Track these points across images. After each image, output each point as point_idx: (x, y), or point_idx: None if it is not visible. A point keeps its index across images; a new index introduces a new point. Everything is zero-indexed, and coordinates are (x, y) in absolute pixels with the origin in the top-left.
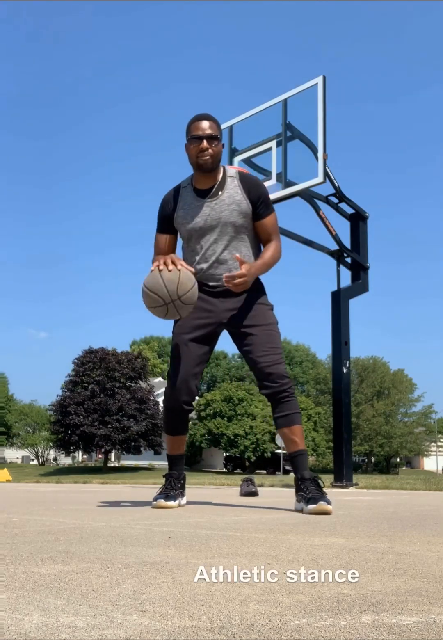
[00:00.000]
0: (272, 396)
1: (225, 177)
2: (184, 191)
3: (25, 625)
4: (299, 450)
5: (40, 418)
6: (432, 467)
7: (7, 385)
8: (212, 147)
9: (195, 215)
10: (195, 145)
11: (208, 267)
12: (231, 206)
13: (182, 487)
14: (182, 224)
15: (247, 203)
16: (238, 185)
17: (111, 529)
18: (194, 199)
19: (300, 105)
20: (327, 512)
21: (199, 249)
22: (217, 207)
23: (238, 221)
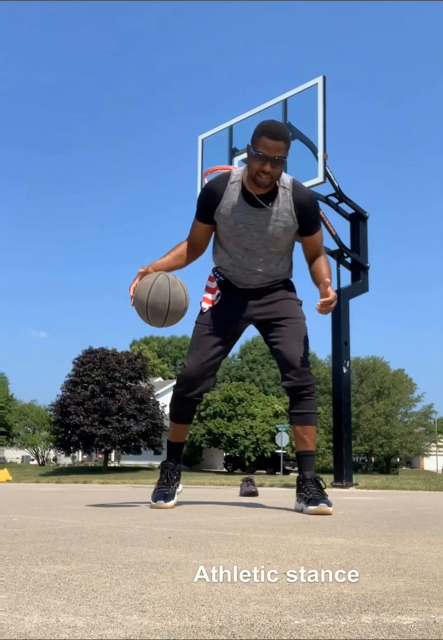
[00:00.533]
0: (292, 390)
1: (278, 187)
2: (232, 187)
3: (25, 625)
4: (307, 451)
5: (40, 418)
6: (432, 467)
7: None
8: (274, 170)
9: (239, 220)
10: (258, 162)
11: (241, 273)
12: (277, 222)
13: (178, 479)
14: (222, 223)
15: (294, 221)
16: (290, 199)
17: (111, 529)
18: (240, 201)
19: (300, 105)
20: (327, 514)
21: (234, 253)
22: (264, 219)
23: (281, 237)
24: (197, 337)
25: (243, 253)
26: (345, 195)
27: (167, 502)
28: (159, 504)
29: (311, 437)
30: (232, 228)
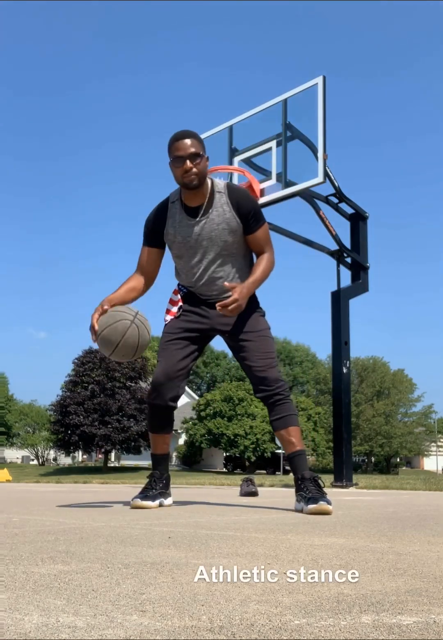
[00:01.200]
0: (267, 399)
1: (214, 193)
2: (173, 207)
3: (25, 625)
4: (297, 451)
5: (40, 418)
6: (432, 467)
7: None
8: (196, 166)
9: (186, 234)
10: (178, 166)
11: (201, 285)
12: (221, 225)
13: (165, 487)
14: (172, 242)
15: (237, 220)
16: (227, 201)
17: (111, 529)
18: (183, 217)
19: (300, 105)
20: (327, 512)
21: (190, 267)
22: (207, 226)
23: (229, 239)
24: (161, 346)
25: (198, 264)
26: (345, 195)
27: (145, 501)
28: (135, 502)
29: (297, 437)
30: (182, 244)
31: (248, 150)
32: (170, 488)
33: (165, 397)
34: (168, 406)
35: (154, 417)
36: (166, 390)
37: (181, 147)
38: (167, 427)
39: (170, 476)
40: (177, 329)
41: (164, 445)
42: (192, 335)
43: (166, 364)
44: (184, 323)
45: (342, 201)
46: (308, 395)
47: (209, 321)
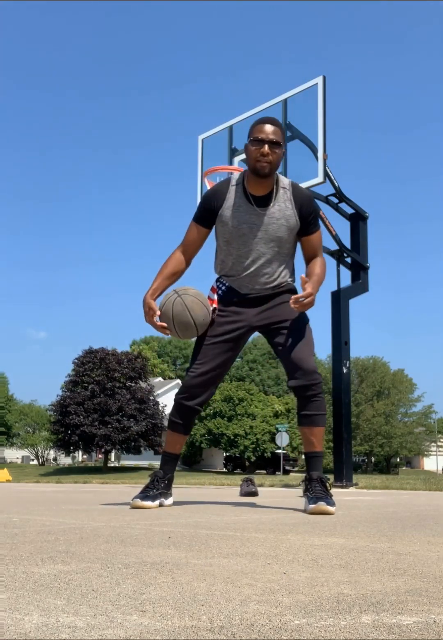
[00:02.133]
0: (300, 390)
1: (278, 187)
2: (234, 190)
3: (25, 625)
4: (315, 452)
5: (40, 418)
6: (432, 467)
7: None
8: (273, 154)
9: (242, 220)
10: (256, 147)
11: (246, 276)
12: (280, 221)
13: (167, 488)
14: (225, 224)
15: (296, 219)
16: (290, 199)
17: (111, 529)
18: (243, 202)
19: (300, 105)
20: (326, 513)
21: (237, 254)
22: (266, 218)
23: (284, 236)
24: (197, 348)
25: (247, 254)
26: (345, 195)
27: (144, 501)
28: (135, 502)
29: (318, 438)
30: (235, 229)
31: None
32: (171, 488)
33: (193, 400)
34: (194, 409)
35: (178, 416)
36: (197, 393)
37: (265, 130)
38: (187, 429)
39: (173, 477)
40: (216, 332)
41: (177, 446)
42: (230, 336)
43: (202, 368)
44: (223, 325)
45: (342, 201)
46: None
47: (246, 319)
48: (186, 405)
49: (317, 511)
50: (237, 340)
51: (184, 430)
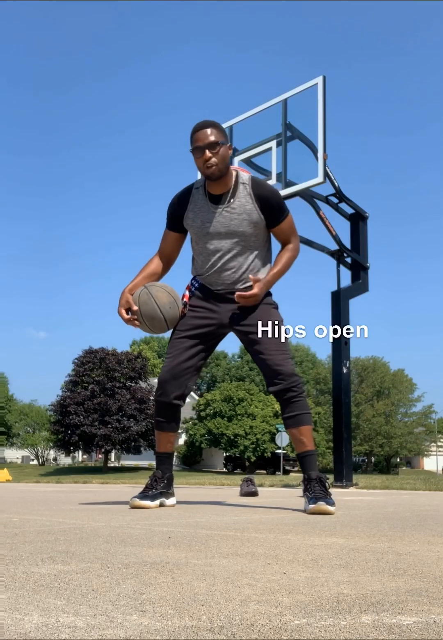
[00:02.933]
0: (281, 394)
1: (238, 184)
2: (196, 193)
3: (25, 625)
4: (307, 451)
5: (40, 418)
6: (432, 467)
7: (7, 385)
8: (215, 155)
9: (205, 220)
10: (198, 157)
11: (213, 272)
12: (241, 215)
13: (167, 487)
14: (191, 225)
15: (258, 213)
16: (250, 193)
17: (111, 529)
18: (205, 203)
19: (300, 105)
20: (326, 512)
21: (205, 253)
22: (228, 215)
23: (248, 230)
24: (170, 342)
25: (213, 251)
26: (345, 195)
27: (143, 501)
28: (133, 501)
29: (308, 437)
30: (200, 229)
31: (249, 150)
32: (172, 488)
33: (169, 395)
34: (172, 404)
35: (159, 414)
36: (171, 387)
37: (200, 137)
38: (171, 426)
39: (173, 476)
40: (186, 326)
41: (167, 444)
42: (201, 331)
43: (172, 361)
44: (193, 320)
45: (342, 201)
46: (308, 395)
47: (218, 316)
48: (163, 402)
49: (317, 511)
50: (208, 335)
51: (169, 428)
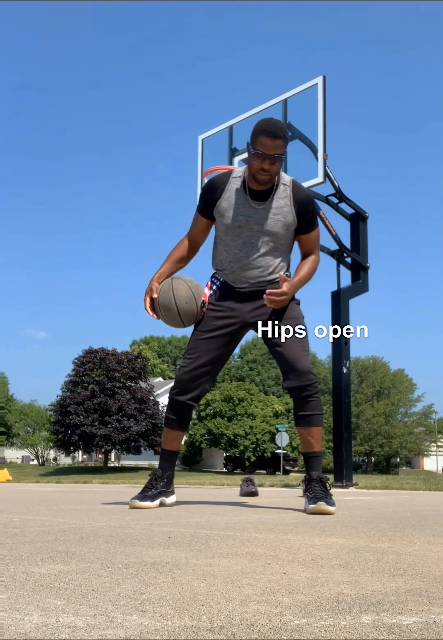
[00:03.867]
0: (295, 392)
1: (279, 184)
2: (234, 182)
3: (25, 625)
4: (313, 452)
5: (40, 418)
6: (432, 467)
7: (7, 385)
8: (273, 167)
9: (239, 212)
10: (257, 160)
11: (239, 268)
12: (277, 216)
13: (167, 486)
14: (222, 215)
15: (293, 217)
16: (290, 196)
17: (111, 529)
18: (241, 195)
19: (300, 105)
20: (326, 513)
21: (233, 247)
22: (263, 212)
23: (280, 232)
24: (191, 342)
25: (242, 246)
26: (345, 195)
27: (143, 502)
28: (133, 502)
29: (316, 438)
30: (232, 220)
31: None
32: (173, 486)
33: (185, 395)
34: (187, 404)
35: (171, 412)
36: (188, 388)
37: (268, 144)
38: (182, 425)
39: (173, 474)
40: (208, 326)
41: (174, 442)
42: (223, 332)
43: (193, 362)
44: (216, 320)
45: (342, 201)
46: None
47: (240, 315)
48: (179, 401)
49: (317, 511)
50: (230, 336)
51: (179, 427)
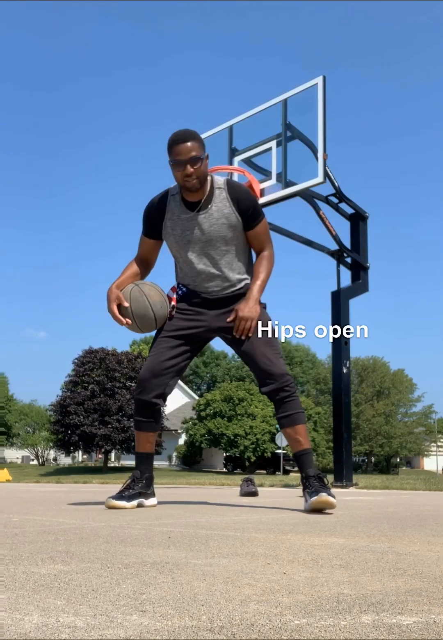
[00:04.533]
0: (273, 395)
1: (213, 189)
2: (173, 200)
3: (25, 625)
4: (303, 450)
5: (40, 418)
6: (432, 467)
7: (7, 385)
8: (197, 170)
9: (184, 228)
10: (178, 170)
11: (201, 281)
12: (220, 220)
13: (145, 488)
14: (171, 235)
15: (236, 215)
16: (227, 197)
17: (111, 529)
18: (182, 211)
19: (300, 105)
20: (328, 503)
21: (189, 262)
22: (206, 221)
23: (228, 235)
24: (153, 342)
25: (197, 260)
26: (345, 195)
27: (119, 501)
28: (108, 502)
29: (303, 435)
30: (180, 237)
31: (248, 150)
32: (152, 488)
33: (149, 394)
34: (152, 402)
35: (138, 413)
36: (150, 386)
37: (182, 151)
38: (151, 425)
39: (152, 476)
40: (172, 327)
41: (147, 444)
42: (186, 333)
43: (153, 360)
44: (180, 321)
45: (342, 201)
46: (308, 395)
47: (206, 320)
48: (142, 400)
49: (320, 502)
50: (194, 337)
51: (148, 428)
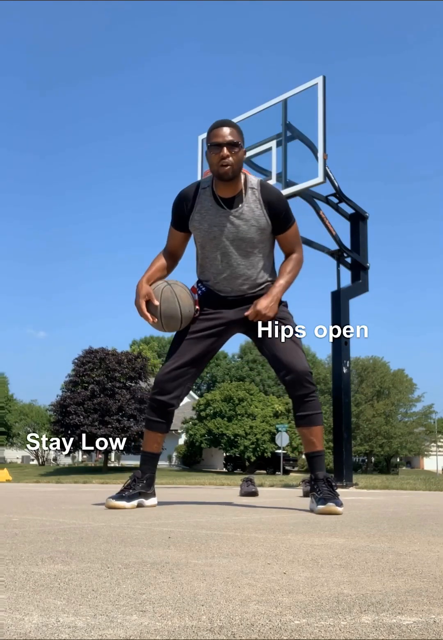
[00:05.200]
0: (294, 393)
1: (246, 188)
2: (203, 193)
3: (25, 625)
4: (316, 452)
5: (40, 418)
6: (432, 467)
7: (7, 385)
8: (233, 155)
9: (212, 224)
10: (215, 153)
11: (222, 279)
12: (250, 221)
13: (146, 488)
14: (197, 228)
15: (266, 219)
16: (259, 198)
17: (111, 529)
18: (212, 206)
19: (300, 105)
20: (336, 513)
21: (212, 259)
22: (236, 220)
23: (256, 237)
24: (173, 344)
25: (221, 258)
26: (345, 195)
27: (118, 501)
28: (108, 502)
29: (318, 437)
30: (206, 232)
31: (249, 150)
32: (153, 488)
33: (165, 395)
34: (167, 404)
35: (151, 412)
36: (169, 387)
37: (220, 134)
38: (162, 426)
39: (153, 476)
40: (194, 328)
41: (154, 444)
42: (209, 332)
43: (174, 361)
44: (201, 322)
45: (342, 201)
46: None
47: (226, 316)
48: (159, 400)
49: (327, 512)
50: (216, 336)
51: (159, 428)
